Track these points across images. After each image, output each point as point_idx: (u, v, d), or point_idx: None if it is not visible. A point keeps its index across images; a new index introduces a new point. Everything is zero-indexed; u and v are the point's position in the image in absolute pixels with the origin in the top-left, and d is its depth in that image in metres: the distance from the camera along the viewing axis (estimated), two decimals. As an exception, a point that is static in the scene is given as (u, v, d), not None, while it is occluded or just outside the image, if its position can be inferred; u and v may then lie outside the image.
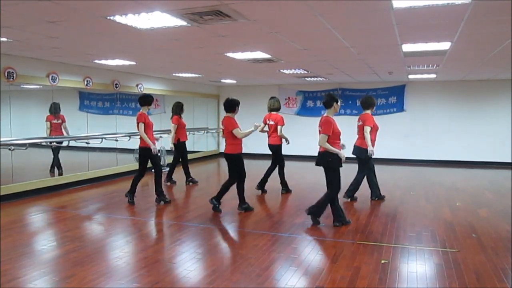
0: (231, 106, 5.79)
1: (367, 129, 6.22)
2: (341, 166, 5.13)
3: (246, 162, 6.06)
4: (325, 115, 5.19)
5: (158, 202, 6.47)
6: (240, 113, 5.98)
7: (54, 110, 8.26)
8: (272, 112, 7.16)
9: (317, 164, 5.24)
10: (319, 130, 5.13)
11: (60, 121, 8.34)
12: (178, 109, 8.11)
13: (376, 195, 6.61)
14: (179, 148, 8.11)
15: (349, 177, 6.42)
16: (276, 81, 11.59)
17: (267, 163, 7.32)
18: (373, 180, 6.59)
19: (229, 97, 5.89)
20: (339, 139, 5.20)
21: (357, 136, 6.48)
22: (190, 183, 8.29)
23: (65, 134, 8.32)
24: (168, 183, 8.19)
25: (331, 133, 5.01)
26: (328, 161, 5.09)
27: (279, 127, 6.97)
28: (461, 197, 6.98)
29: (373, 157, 6.34)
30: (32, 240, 4.75)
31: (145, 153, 6.33)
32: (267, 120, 7.16)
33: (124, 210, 6.09)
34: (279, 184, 7.31)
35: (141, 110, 6.38)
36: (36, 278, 3.56)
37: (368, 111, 6.43)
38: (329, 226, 5.20)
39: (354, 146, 6.42)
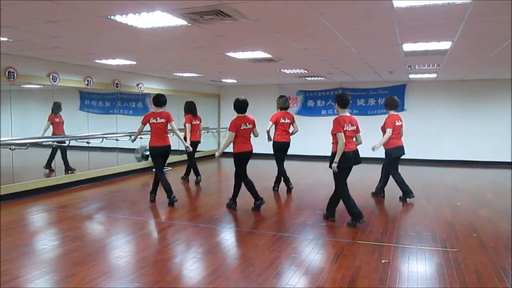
0: (245, 106, 5.87)
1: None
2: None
3: (250, 161, 6.08)
4: (348, 114, 5.21)
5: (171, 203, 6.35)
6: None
7: (57, 109, 8.33)
8: (284, 111, 7.26)
9: (359, 163, 5.25)
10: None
11: (57, 120, 8.37)
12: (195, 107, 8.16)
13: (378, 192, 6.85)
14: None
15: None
16: (276, 80, 11.60)
17: (266, 163, 7.32)
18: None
19: (239, 97, 5.86)
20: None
21: (400, 136, 6.57)
22: (183, 180, 8.42)
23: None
24: (199, 182, 8.26)
25: None
26: None
27: (294, 124, 7.25)
28: (461, 197, 6.98)
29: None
30: (32, 240, 4.75)
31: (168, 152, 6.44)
32: (281, 118, 7.16)
33: (125, 210, 6.09)
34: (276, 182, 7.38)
35: (162, 110, 6.36)
36: (36, 278, 3.56)
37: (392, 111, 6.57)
38: (329, 226, 5.20)
39: (402, 146, 6.54)
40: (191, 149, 7.01)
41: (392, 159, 6.55)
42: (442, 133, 11.28)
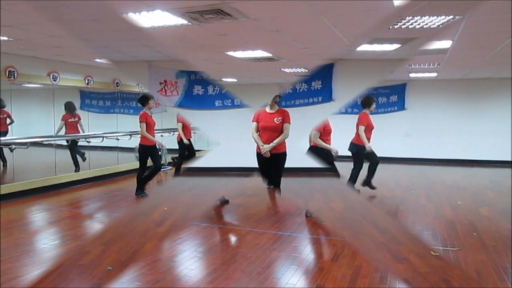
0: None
1: (362, 128, 6.45)
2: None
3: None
4: None
5: (136, 195, 6.73)
6: (241, 112, 6.00)
7: (71, 108, 8.37)
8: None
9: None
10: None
11: (76, 119, 8.40)
12: None
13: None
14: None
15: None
16: (277, 79, 11.58)
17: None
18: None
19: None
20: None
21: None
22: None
23: (81, 132, 8.41)
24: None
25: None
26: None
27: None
28: (462, 196, 6.98)
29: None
30: (33, 239, 4.75)
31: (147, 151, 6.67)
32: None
33: (125, 209, 6.09)
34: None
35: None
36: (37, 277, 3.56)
37: (365, 110, 6.61)
38: (330, 225, 5.20)
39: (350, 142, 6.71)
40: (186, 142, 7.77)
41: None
42: (443, 132, 11.26)
